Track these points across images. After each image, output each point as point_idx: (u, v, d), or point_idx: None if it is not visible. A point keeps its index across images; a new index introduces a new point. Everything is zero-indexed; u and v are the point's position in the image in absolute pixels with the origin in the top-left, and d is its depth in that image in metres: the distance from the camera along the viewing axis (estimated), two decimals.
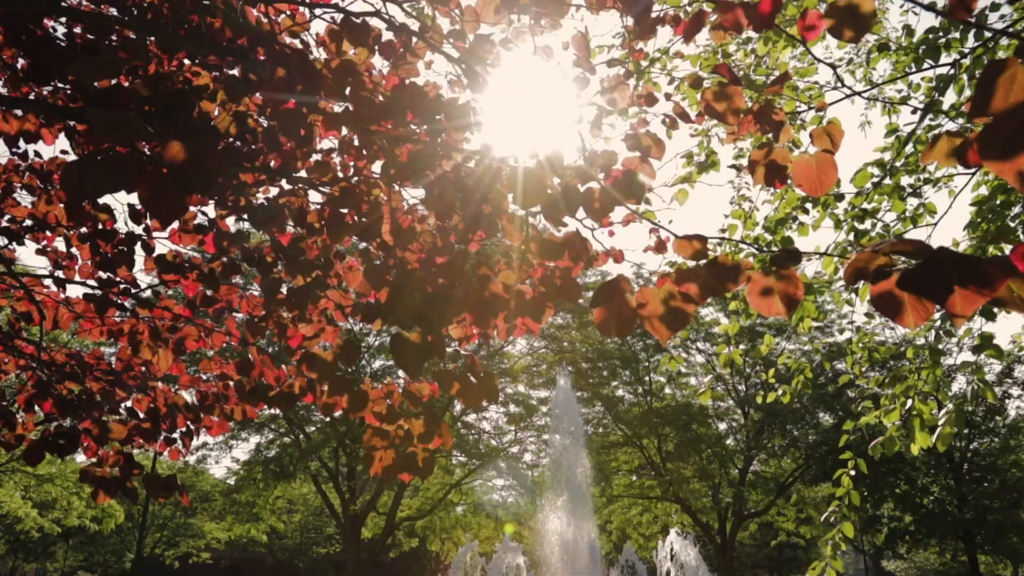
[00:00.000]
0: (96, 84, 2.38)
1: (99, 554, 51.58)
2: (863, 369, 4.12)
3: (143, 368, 4.00)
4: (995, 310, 3.21)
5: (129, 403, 3.29)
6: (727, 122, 1.90)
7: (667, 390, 29.59)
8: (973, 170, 3.69)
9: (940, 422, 3.23)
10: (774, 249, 4.05)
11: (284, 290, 3.53)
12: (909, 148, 3.57)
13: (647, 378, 28.91)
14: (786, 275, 1.51)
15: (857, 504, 3.69)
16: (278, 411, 25.67)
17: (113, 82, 2.91)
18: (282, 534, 53.92)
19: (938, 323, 3.47)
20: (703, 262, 1.53)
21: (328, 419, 25.02)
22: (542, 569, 15.44)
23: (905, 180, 3.73)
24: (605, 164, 2.09)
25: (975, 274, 0.94)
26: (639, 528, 32.14)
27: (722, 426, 30.43)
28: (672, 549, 14.28)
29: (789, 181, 2.27)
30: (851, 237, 3.71)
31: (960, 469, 22.26)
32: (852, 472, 3.70)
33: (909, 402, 3.41)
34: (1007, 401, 23.00)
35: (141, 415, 3.19)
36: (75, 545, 50.78)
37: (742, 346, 27.76)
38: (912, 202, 3.78)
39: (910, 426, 3.38)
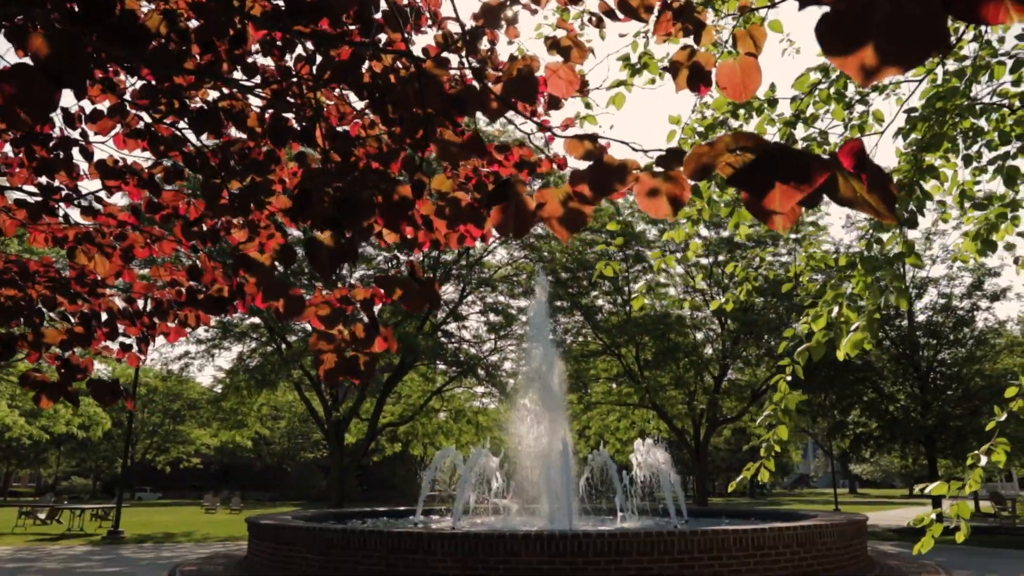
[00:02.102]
0: None
1: (91, 460, 52.79)
2: (808, 278, 4.18)
3: (98, 276, 4.00)
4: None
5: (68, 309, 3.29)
6: (641, 19, 1.85)
7: (646, 300, 29.93)
8: (920, 76, 3.65)
9: (852, 328, 3.30)
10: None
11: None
12: None
13: (626, 288, 29.19)
14: (673, 176, 1.51)
15: (792, 408, 3.81)
16: (258, 320, 25.82)
17: None
18: (270, 440, 55.22)
19: (871, 233, 3.49)
20: (592, 163, 1.53)
21: (310, 327, 25.19)
22: (516, 469, 15.96)
23: (851, 88, 3.66)
24: (525, 67, 2.05)
25: (796, 170, 0.93)
26: (616, 433, 33.13)
27: (699, 335, 30.98)
28: (642, 453, 14.76)
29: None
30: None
31: (926, 378, 22.91)
32: (789, 378, 3.81)
33: (836, 309, 3.48)
34: (975, 313, 23.48)
35: (73, 321, 3.20)
36: (67, 452, 51.87)
37: (720, 257, 27.97)
38: (859, 109, 3.74)
39: (837, 332, 3.46)
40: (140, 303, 4.03)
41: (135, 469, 50.83)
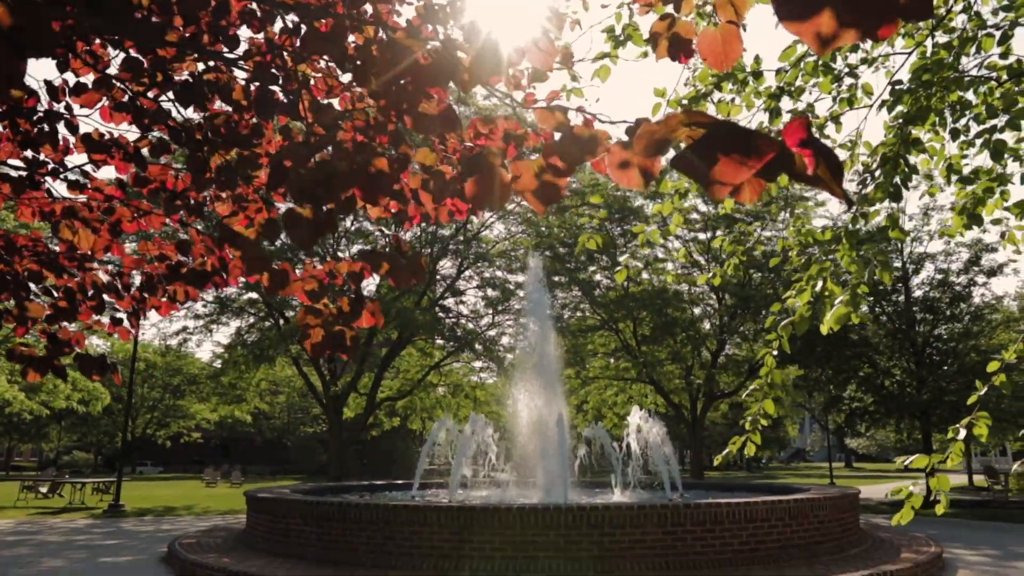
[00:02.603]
0: None
1: (92, 434, 53.08)
2: (797, 252, 4.18)
3: (89, 251, 3.99)
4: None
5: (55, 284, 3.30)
6: None
7: (644, 275, 29.94)
8: (910, 49, 3.62)
9: (836, 302, 3.31)
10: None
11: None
12: None
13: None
14: None
15: (779, 382, 3.82)
16: (256, 295, 25.83)
17: None
18: (269, 415, 55.54)
19: (855, 209, 3.48)
20: (562, 134, 1.52)
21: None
22: (512, 441, 16.08)
23: (839, 60, 3.63)
24: (493, 40, 2.03)
25: (744, 146, 0.93)
26: (614, 408, 33.30)
27: (696, 311, 31.02)
28: (636, 426, 14.85)
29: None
30: (767, 117, 3.65)
31: (922, 353, 22.96)
32: (775, 352, 3.81)
33: (820, 283, 3.48)
34: (972, 288, 23.49)
35: (56, 294, 3.20)
36: (68, 427, 52.15)
37: (719, 233, 27.92)
38: (848, 82, 3.70)
39: (821, 307, 3.47)
40: (134, 277, 4.03)
41: (136, 443, 51.15)
